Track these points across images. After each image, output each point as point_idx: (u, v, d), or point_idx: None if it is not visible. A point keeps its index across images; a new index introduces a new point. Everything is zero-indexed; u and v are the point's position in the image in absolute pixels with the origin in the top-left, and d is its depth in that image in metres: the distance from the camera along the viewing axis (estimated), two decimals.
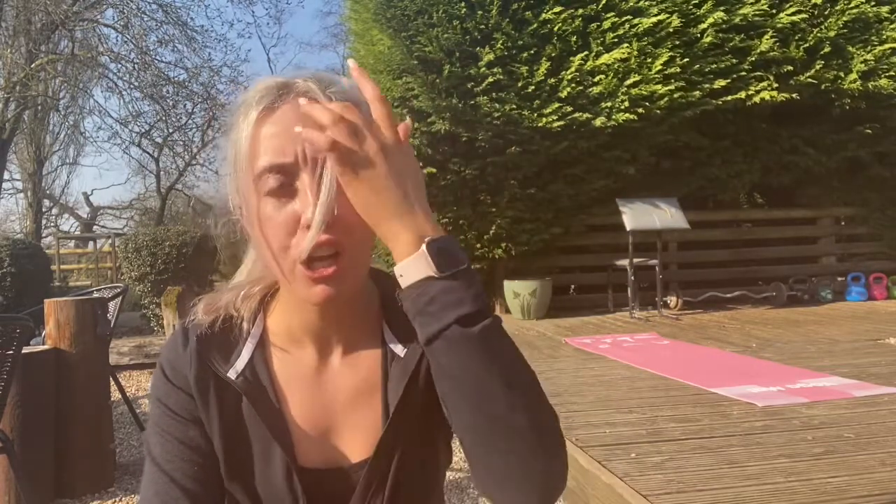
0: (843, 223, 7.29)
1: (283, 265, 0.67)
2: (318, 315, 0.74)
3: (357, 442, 0.75)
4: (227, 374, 0.73)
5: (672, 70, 5.71)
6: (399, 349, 0.76)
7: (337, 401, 0.76)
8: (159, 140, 15.38)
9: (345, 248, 0.66)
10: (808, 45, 6.01)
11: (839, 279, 6.80)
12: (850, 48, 6.10)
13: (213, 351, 0.75)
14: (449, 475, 2.73)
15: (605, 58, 5.70)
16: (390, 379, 0.75)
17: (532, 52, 5.79)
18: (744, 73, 5.89)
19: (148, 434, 0.76)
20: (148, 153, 16.76)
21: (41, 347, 2.83)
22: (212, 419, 0.73)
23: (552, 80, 5.75)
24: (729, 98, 5.89)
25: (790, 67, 5.95)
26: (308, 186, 0.65)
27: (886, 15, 6.18)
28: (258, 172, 0.67)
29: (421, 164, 5.78)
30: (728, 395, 2.95)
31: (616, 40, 5.80)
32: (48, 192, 19.50)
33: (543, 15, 5.77)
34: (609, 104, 5.73)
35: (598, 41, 5.84)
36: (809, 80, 5.97)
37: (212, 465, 0.74)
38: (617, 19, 5.79)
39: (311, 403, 0.75)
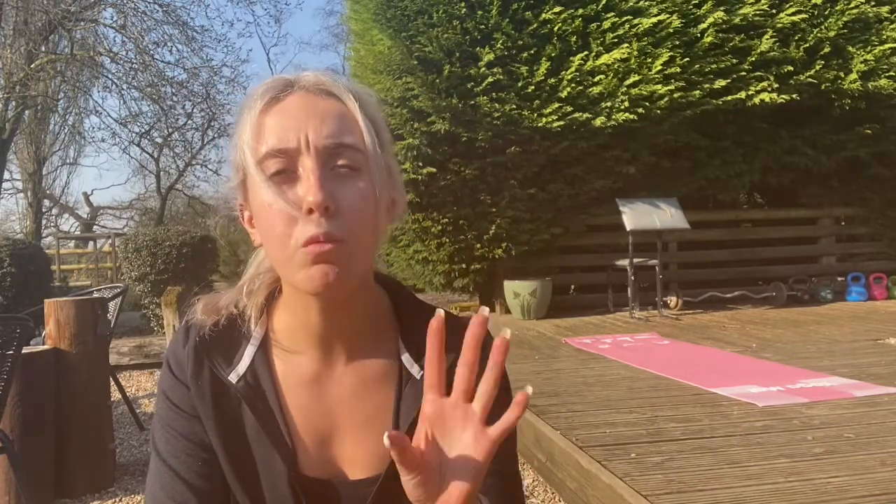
0: (843, 223, 7.28)
1: (283, 252, 0.66)
2: (320, 313, 0.71)
3: (359, 458, 0.74)
4: (229, 378, 0.72)
5: (672, 70, 5.72)
6: (416, 370, 0.74)
7: (341, 410, 0.74)
8: (159, 140, 15.37)
9: (344, 238, 0.64)
10: (808, 45, 6.01)
11: (839, 279, 6.79)
12: (850, 48, 6.10)
13: (214, 353, 0.74)
14: None
15: (605, 58, 5.70)
16: (403, 400, 0.73)
17: (532, 52, 5.79)
18: (744, 73, 5.90)
19: (154, 428, 0.76)
20: (148, 153, 16.75)
21: (41, 347, 2.83)
22: (208, 419, 0.73)
23: (552, 80, 5.75)
24: (729, 98, 5.89)
25: (790, 67, 5.95)
26: (310, 171, 0.64)
27: (886, 15, 6.18)
28: (259, 158, 0.66)
29: (420, 164, 5.82)
30: (728, 395, 2.95)
31: (616, 40, 5.80)
32: (48, 192, 19.47)
33: (543, 15, 5.77)
34: (609, 104, 5.73)
35: (598, 41, 5.84)
36: (809, 80, 5.97)
37: (217, 461, 0.73)
38: (617, 19, 5.79)
39: (313, 410, 0.74)
